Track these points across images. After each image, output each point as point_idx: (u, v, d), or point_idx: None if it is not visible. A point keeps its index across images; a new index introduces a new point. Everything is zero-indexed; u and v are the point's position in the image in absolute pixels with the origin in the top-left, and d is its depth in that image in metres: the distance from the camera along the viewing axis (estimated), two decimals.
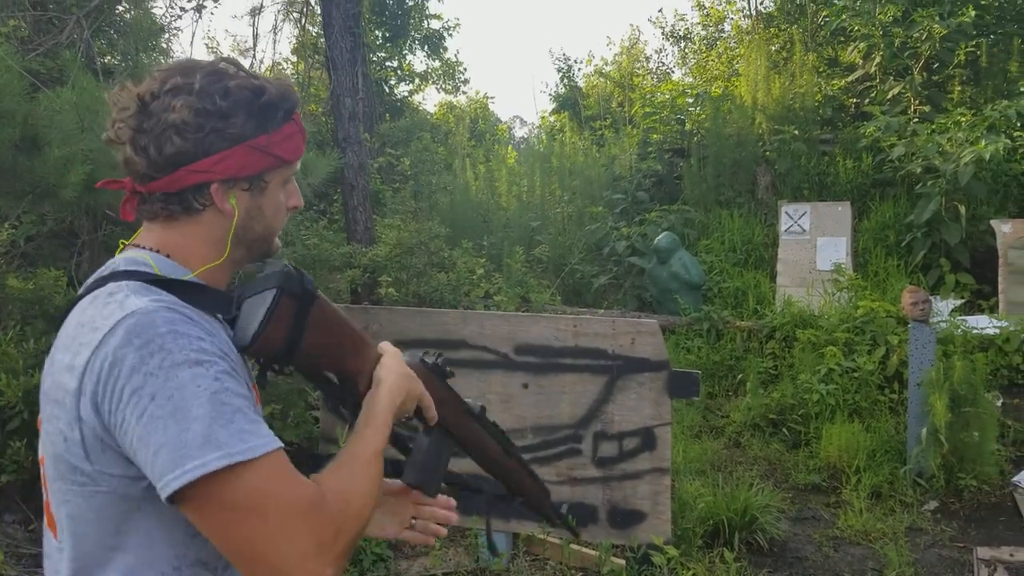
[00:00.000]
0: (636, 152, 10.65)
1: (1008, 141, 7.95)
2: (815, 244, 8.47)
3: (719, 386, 7.49)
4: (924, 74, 9.77)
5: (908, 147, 8.45)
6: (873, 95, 10.21)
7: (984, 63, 9.66)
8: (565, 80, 17.83)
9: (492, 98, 28.13)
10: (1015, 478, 5.80)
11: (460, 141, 12.92)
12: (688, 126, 10.93)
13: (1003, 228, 7.67)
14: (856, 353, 6.78)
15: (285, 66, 10.86)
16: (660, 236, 8.52)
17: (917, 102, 9.68)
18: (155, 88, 1.19)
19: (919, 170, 8.31)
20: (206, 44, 13.21)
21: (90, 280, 1.21)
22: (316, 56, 8.55)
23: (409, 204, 7.89)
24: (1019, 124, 8.55)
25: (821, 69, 11.52)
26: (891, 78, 10.11)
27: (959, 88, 9.55)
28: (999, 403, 6.23)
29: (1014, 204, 8.61)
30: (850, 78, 10.71)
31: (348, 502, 1.12)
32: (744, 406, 6.84)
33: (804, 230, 8.55)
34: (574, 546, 4.26)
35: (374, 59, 12.84)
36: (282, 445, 1.08)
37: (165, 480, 1.00)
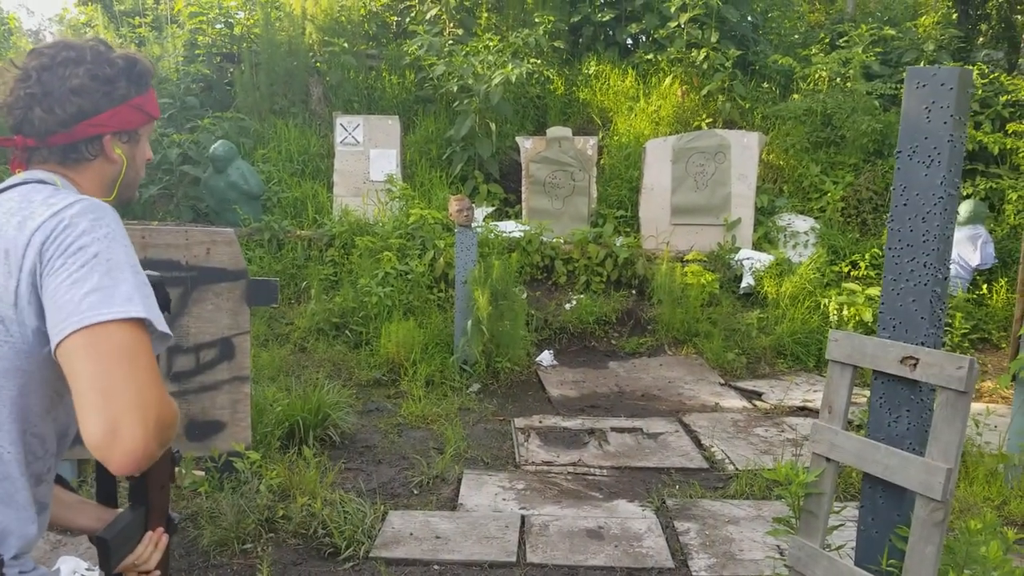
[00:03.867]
0: (183, 55, 9.98)
1: (529, 66, 9.03)
2: (368, 155, 8.84)
3: (283, 295, 7.61)
4: None
5: (447, 67, 9.12)
6: (413, 15, 10.76)
7: None
8: None
9: None
10: (538, 358, 6.92)
11: None
12: (238, 31, 10.50)
13: (525, 144, 8.72)
14: (409, 257, 7.38)
15: None
16: (216, 144, 8.20)
17: (452, 25, 10.45)
18: (45, 61, 1.43)
19: (456, 89, 9.02)
20: None
21: (4, 183, 1.42)
22: None
23: None
24: (535, 52, 9.73)
25: None
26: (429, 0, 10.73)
27: (486, 15, 10.47)
28: (524, 296, 7.30)
29: (531, 123, 9.82)
30: None
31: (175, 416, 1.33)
32: (308, 312, 7.08)
33: (358, 142, 8.85)
34: None
35: None
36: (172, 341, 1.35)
37: (85, 315, 1.20)
